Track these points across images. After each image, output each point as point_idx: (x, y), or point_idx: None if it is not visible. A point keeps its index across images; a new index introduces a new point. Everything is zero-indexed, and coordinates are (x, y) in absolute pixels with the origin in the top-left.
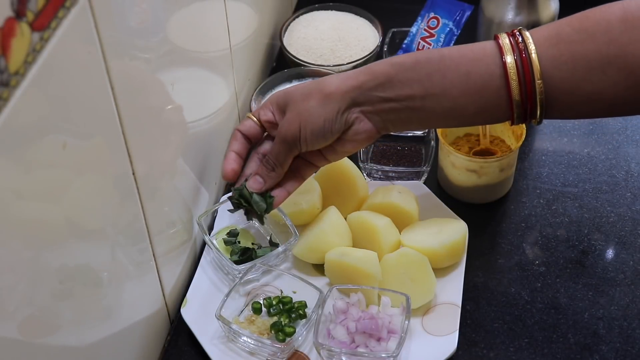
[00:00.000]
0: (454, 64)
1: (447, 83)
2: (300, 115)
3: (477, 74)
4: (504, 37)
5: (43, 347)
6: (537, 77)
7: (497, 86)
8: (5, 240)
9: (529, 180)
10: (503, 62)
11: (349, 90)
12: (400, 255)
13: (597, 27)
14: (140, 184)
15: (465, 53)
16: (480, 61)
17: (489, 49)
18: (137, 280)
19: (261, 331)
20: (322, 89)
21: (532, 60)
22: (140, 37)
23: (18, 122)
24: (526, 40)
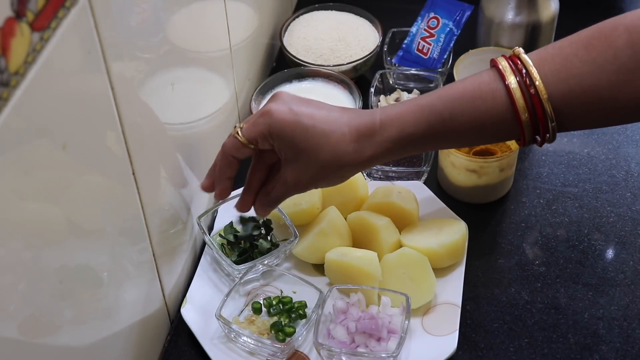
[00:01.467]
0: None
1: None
2: (315, 176)
3: (490, 123)
4: (512, 81)
5: (43, 347)
6: (551, 120)
7: (512, 131)
8: (5, 240)
9: (529, 180)
10: (518, 117)
11: (365, 163)
12: (400, 255)
13: (605, 56)
14: (140, 184)
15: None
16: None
17: (499, 97)
18: (137, 280)
19: (261, 331)
20: (339, 164)
21: (544, 106)
22: (140, 37)
23: (18, 122)
24: (534, 79)
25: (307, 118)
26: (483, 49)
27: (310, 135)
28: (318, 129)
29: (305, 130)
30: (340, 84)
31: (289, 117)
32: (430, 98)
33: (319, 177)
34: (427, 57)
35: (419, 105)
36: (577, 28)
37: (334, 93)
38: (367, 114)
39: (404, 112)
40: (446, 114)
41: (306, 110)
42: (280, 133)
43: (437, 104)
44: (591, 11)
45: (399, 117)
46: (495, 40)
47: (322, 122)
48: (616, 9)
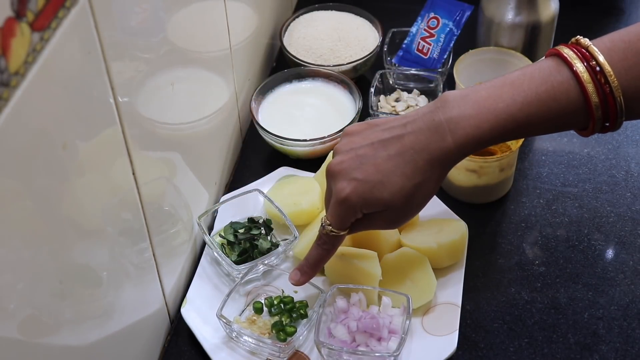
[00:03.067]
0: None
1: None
2: (404, 216)
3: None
4: (585, 76)
5: (43, 347)
6: (621, 115)
7: (580, 124)
8: (5, 240)
9: (529, 180)
10: (592, 115)
11: (445, 172)
12: (400, 255)
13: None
14: (140, 184)
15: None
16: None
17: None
18: (137, 280)
19: (262, 331)
20: (423, 193)
21: (617, 104)
22: (140, 37)
23: (18, 122)
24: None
25: (374, 174)
26: (483, 49)
27: (389, 184)
28: (391, 175)
29: (382, 184)
30: (340, 84)
31: (360, 187)
32: (505, 103)
33: (408, 211)
34: (427, 57)
35: (493, 112)
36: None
37: (334, 93)
38: (430, 130)
39: (478, 120)
40: (521, 119)
41: (367, 167)
42: (363, 205)
43: (512, 109)
44: (591, 11)
45: (472, 126)
46: (495, 41)
47: (390, 166)
48: (616, 9)
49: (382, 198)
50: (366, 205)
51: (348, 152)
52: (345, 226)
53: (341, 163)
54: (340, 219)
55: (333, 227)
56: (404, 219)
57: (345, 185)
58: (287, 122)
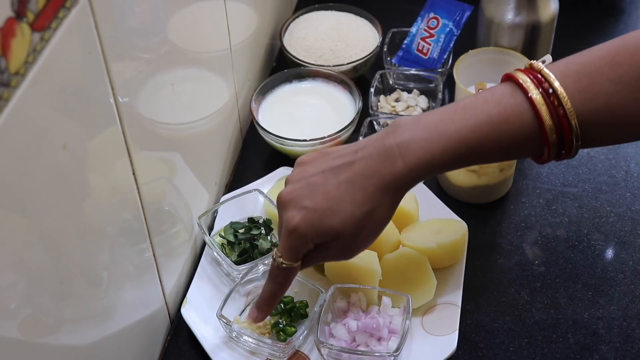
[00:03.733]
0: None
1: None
2: (361, 243)
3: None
4: (541, 104)
5: (43, 346)
6: (577, 139)
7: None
8: (5, 240)
9: (529, 180)
10: (546, 139)
11: (395, 207)
12: (400, 255)
13: (631, 75)
14: (140, 184)
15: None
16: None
17: (527, 121)
18: (137, 280)
19: (262, 331)
20: (376, 220)
21: (573, 127)
22: (140, 37)
23: (19, 122)
24: (562, 100)
25: (324, 202)
26: (483, 49)
27: (339, 211)
28: (341, 202)
29: (332, 212)
30: (340, 84)
31: (309, 216)
32: (456, 126)
33: (363, 239)
34: (427, 58)
35: (445, 135)
36: (577, 28)
37: (334, 93)
38: (380, 155)
39: (429, 144)
40: (474, 143)
41: (317, 195)
42: (313, 233)
43: (464, 132)
44: (591, 11)
45: (423, 150)
46: (495, 41)
47: (339, 193)
48: (616, 9)
49: (332, 226)
50: (317, 234)
51: (299, 181)
52: (297, 257)
53: (291, 192)
54: (291, 249)
55: (284, 259)
56: (358, 248)
57: (295, 214)
58: (287, 122)
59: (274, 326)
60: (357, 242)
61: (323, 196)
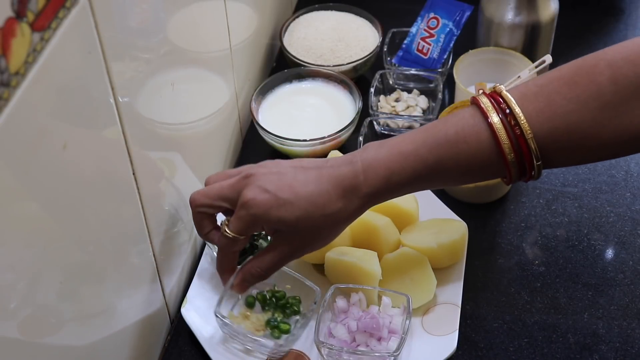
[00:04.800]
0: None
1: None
2: (310, 241)
3: (476, 165)
4: (497, 123)
5: (43, 346)
6: (537, 159)
7: (498, 170)
8: (5, 240)
9: None
10: (504, 158)
11: (356, 214)
12: (400, 255)
13: (588, 93)
14: (140, 184)
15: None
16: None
17: (484, 139)
18: (137, 280)
19: (256, 327)
20: (331, 223)
21: (530, 145)
22: (140, 37)
23: (18, 122)
24: (518, 119)
25: (287, 193)
26: (483, 49)
27: (297, 208)
28: (302, 198)
29: (291, 205)
30: (340, 84)
31: (270, 200)
32: (415, 144)
33: (313, 241)
34: (427, 58)
35: (403, 153)
36: (577, 28)
37: (334, 93)
38: (346, 165)
39: (388, 161)
40: (431, 161)
41: (283, 184)
42: (266, 217)
43: (421, 151)
44: (591, 11)
45: (383, 167)
46: (495, 41)
47: (304, 190)
48: (616, 9)
49: (285, 218)
50: (268, 220)
51: (271, 167)
52: (240, 231)
53: (260, 170)
54: (238, 221)
55: (229, 228)
56: (307, 248)
57: (256, 192)
58: (287, 122)
59: (268, 323)
60: (308, 241)
61: (288, 188)
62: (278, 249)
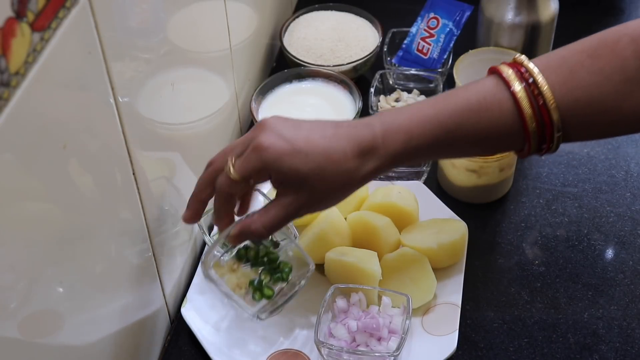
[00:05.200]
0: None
1: (466, 150)
2: (319, 199)
3: (496, 133)
4: (520, 91)
5: (43, 347)
6: (558, 130)
7: (517, 140)
8: (5, 240)
9: (529, 180)
10: (525, 127)
11: (370, 177)
12: (400, 255)
13: (612, 67)
14: (140, 184)
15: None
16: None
17: (506, 107)
18: (137, 280)
19: (239, 284)
20: (344, 182)
21: (552, 116)
22: (140, 37)
23: (18, 122)
24: (541, 88)
25: (303, 143)
26: (483, 49)
27: (311, 160)
28: (318, 152)
29: (305, 156)
30: (340, 84)
31: (284, 147)
32: (435, 109)
33: (323, 198)
34: (427, 58)
35: (424, 116)
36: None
37: (334, 93)
38: (364, 127)
39: (408, 124)
40: (452, 126)
41: (299, 134)
42: (278, 165)
43: (442, 115)
44: (591, 11)
45: (403, 131)
46: (495, 41)
47: (320, 143)
48: (616, 9)
49: (298, 169)
50: (279, 167)
51: (289, 119)
52: (244, 175)
53: (278, 120)
54: (245, 163)
55: (234, 168)
56: (314, 206)
57: (272, 138)
58: None
59: (251, 283)
60: (318, 197)
61: (304, 139)
62: (283, 204)
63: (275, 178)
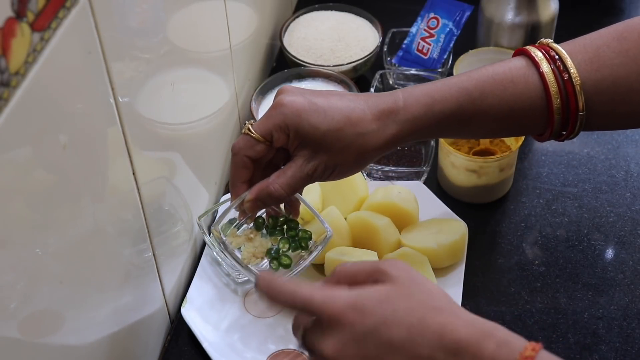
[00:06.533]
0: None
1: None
2: (335, 160)
3: (520, 108)
4: (545, 66)
5: (43, 347)
6: (582, 110)
7: (540, 119)
8: (5, 240)
9: (529, 180)
10: (550, 104)
11: (390, 143)
12: (400, 255)
13: (638, 49)
14: (140, 184)
15: (508, 88)
16: (522, 95)
17: (532, 81)
18: (137, 280)
19: (256, 253)
20: (362, 144)
21: (577, 93)
22: (140, 37)
23: (18, 122)
24: (568, 66)
25: (323, 102)
26: (483, 49)
27: (330, 117)
28: (337, 110)
29: (324, 113)
30: (340, 84)
31: (304, 103)
32: (459, 78)
33: (339, 161)
34: (427, 57)
35: (448, 83)
36: (577, 28)
37: None
38: (387, 94)
39: (431, 90)
40: (476, 94)
41: (319, 95)
42: (297, 121)
43: (466, 83)
44: (591, 11)
45: (425, 95)
46: (495, 41)
47: (340, 104)
48: (616, 9)
49: (317, 125)
50: (298, 123)
51: (307, 91)
52: (264, 132)
53: (298, 89)
54: (267, 120)
55: (253, 126)
56: (331, 169)
57: (292, 94)
58: None
59: (268, 253)
60: (335, 159)
61: (324, 98)
62: (300, 163)
63: (293, 136)
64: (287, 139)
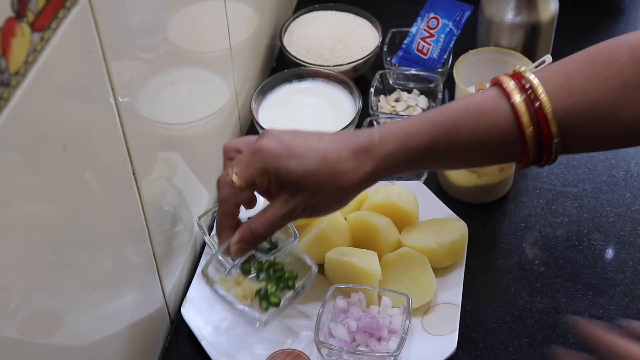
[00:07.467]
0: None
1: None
2: (314, 200)
3: (494, 139)
4: (516, 96)
5: (43, 347)
6: (555, 136)
7: (515, 149)
8: (5, 240)
9: (529, 180)
10: (522, 132)
11: (367, 180)
12: (400, 255)
13: (608, 73)
14: (140, 184)
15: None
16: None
17: (503, 112)
18: (137, 280)
19: (245, 294)
20: (339, 184)
21: (549, 121)
22: (140, 37)
23: (18, 122)
24: (538, 94)
25: (300, 146)
26: (483, 49)
27: (306, 161)
28: (314, 152)
29: (301, 157)
30: (340, 84)
31: (282, 148)
32: (434, 112)
33: (318, 200)
34: (427, 58)
35: (423, 118)
36: (577, 28)
37: (334, 93)
38: (363, 132)
39: (406, 125)
40: (449, 127)
41: (297, 139)
42: (275, 165)
43: (440, 117)
44: (591, 11)
45: (400, 130)
46: (495, 41)
47: (317, 146)
48: (616, 9)
49: (293, 170)
50: (276, 168)
51: (291, 129)
52: (247, 180)
53: (279, 130)
54: (248, 169)
55: (237, 174)
56: (310, 208)
57: (270, 141)
58: (287, 122)
59: (257, 293)
60: (312, 200)
61: (302, 142)
62: (280, 204)
63: (274, 181)
64: (269, 182)
